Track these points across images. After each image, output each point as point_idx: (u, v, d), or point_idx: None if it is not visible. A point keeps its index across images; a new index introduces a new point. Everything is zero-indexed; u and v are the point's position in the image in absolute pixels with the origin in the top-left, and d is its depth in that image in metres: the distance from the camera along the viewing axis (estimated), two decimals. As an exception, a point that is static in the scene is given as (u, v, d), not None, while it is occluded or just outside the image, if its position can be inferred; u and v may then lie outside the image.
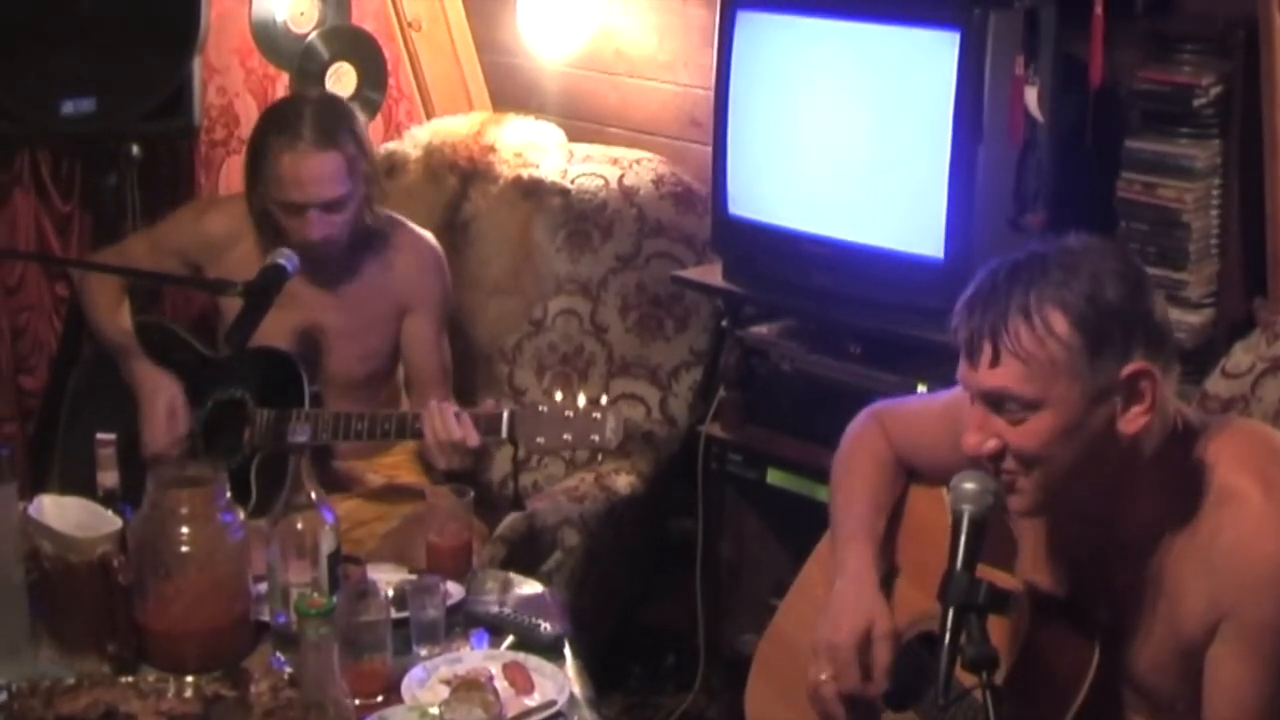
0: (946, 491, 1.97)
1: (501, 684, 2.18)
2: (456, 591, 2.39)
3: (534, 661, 2.25)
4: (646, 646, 3.68)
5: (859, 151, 3.00)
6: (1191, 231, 2.79)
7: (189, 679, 2.15)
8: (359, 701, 2.09)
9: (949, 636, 1.86)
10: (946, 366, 1.98)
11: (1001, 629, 1.96)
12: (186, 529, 2.22)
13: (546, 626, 2.33)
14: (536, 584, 2.52)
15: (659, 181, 3.67)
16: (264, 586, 2.31)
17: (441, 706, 2.06)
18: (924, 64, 2.85)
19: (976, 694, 1.86)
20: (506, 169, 3.79)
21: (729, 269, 3.31)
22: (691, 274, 3.46)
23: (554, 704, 2.14)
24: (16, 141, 3.55)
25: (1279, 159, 2.72)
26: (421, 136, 3.93)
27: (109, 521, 2.30)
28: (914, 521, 2.30)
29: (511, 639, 2.34)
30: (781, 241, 3.14)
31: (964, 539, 1.91)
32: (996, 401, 1.89)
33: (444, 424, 2.76)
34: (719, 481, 3.41)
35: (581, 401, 2.69)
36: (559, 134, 3.91)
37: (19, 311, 3.71)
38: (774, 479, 3.30)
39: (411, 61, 4.15)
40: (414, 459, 3.23)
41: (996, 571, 2.03)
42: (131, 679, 2.16)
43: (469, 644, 2.33)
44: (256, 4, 3.78)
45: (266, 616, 2.30)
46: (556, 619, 2.36)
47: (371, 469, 3.23)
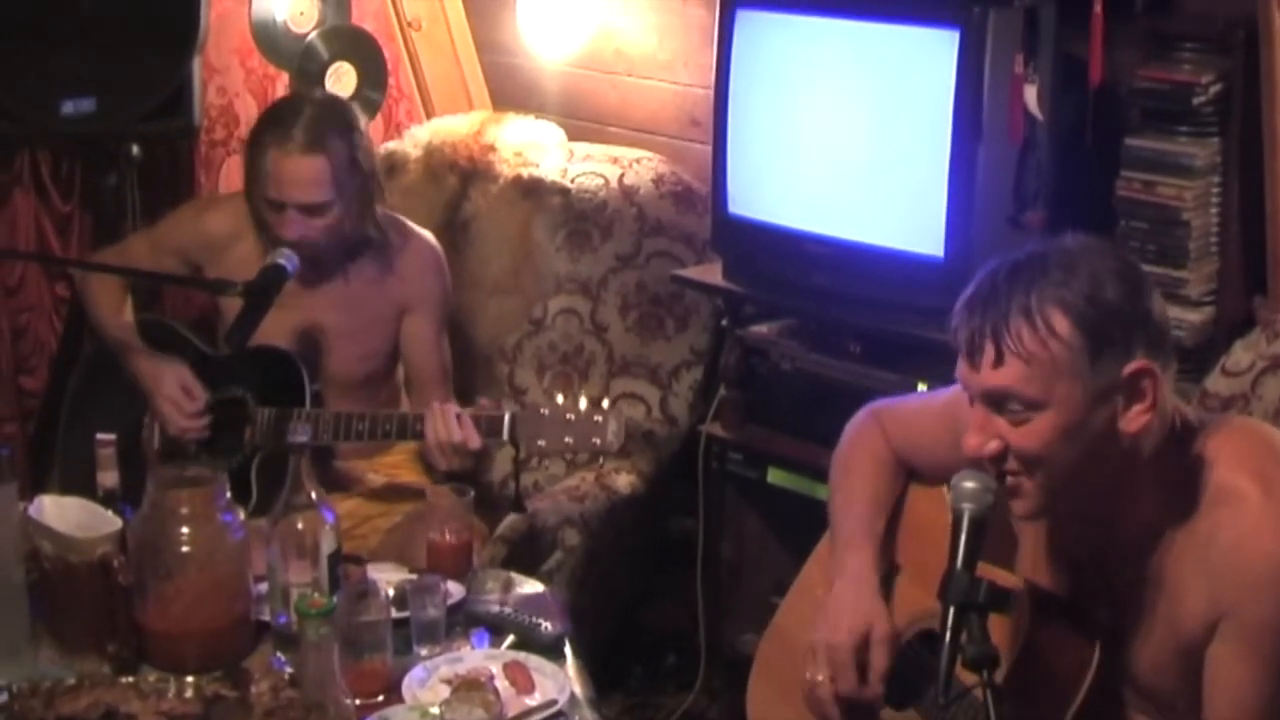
0: (947, 490, 1.96)
1: (502, 684, 2.18)
2: (457, 591, 2.39)
3: (535, 661, 2.25)
4: (647, 646, 3.68)
5: (859, 150, 3.00)
6: (1191, 230, 2.79)
7: (189, 679, 2.14)
8: (359, 701, 2.09)
9: (949, 635, 1.86)
10: (946, 365, 1.97)
11: (1002, 628, 1.96)
12: (187, 529, 2.22)
13: (547, 626, 2.33)
14: (537, 583, 2.52)
15: (659, 181, 3.67)
16: (264, 586, 2.31)
17: (442, 706, 2.06)
18: (924, 63, 2.85)
19: (977, 693, 1.86)
20: (506, 168, 3.79)
21: (729, 268, 3.31)
22: (691, 273, 3.46)
23: (554, 703, 2.14)
24: (16, 141, 3.55)
25: (1278, 157, 2.72)
26: (421, 136, 3.93)
27: (109, 522, 2.30)
28: (914, 520, 2.30)
29: (512, 639, 2.34)
30: (781, 241, 3.14)
31: (964, 538, 1.91)
32: (998, 402, 1.89)
33: (445, 426, 2.76)
34: (719, 481, 3.41)
35: (583, 404, 2.69)
36: (559, 133, 3.90)
37: (19, 312, 3.71)
38: (774, 478, 3.30)
39: (411, 61, 4.15)
40: (415, 459, 3.23)
41: (997, 570, 2.03)
42: (132, 679, 2.16)
43: (469, 644, 2.33)
44: (256, 4, 3.78)
45: (267, 616, 2.30)
46: (557, 618, 2.36)
47: (372, 469, 3.23)
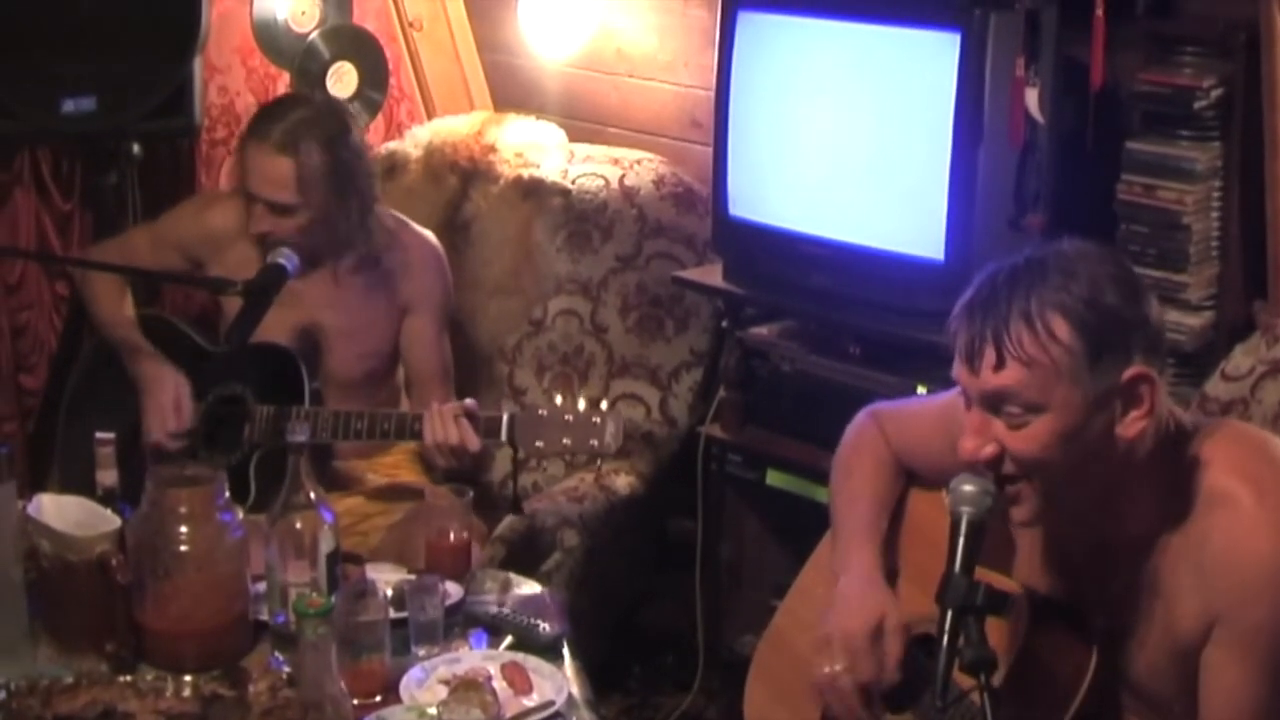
0: (946, 494, 1.96)
1: (500, 684, 2.17)
2: (455, 592, 2.39)
3: (533, 662, 2.24)
4: (645, 647, 3.68)
5: (859, 152, 3.00)
6: (1192, 234, 2.79)
7: (187, 678, 2.15)
8: (357, 701, 2.09)
9: (947, 638, 1.86)
10: (946, 368, 1.97)
11: (1000, 631, 1.96)
12: (185, 528, 2.22)
13: (545, 627, 2.33)
14: (535, 584, 2.52)
15: (659, 182, 3.67)
16: (263, 586, 2.31)
17: (440, 707, 2.06)
18: (925, 65, 2.85)
19: (975, 696, 1.86)
20: (507, 169, 3.79)
21: (729, 270, 3.31)
22: (692, 274, 3.46)
23: (552, 704, 2.14)
24: (17, 140, 3.55)
25: (1279, 161, 2.71)
26: (422, 136, 3.93)
27: (108, 520, 2.30)
28: (914, 523, 2.30)
29: (510, 639, 2.34)
30: (782, 242, 3.14)
31: (962, 541, 1.91)
32: (996, 404, 1.89)
33: (444, 427, 2.76)
34: (719, 482, 3.41)
35: (581, 405, 2.69)
36: (560, 134, 3.91)
37: (19, 310, 3.71)
38: (774, 480, 3.30)
39: (412, 61, 4.15)
40: (414, 459, 3.23)
41: (995, 574, 2.03)
42: (130, 678, 2.16)
43: (468, 644, 2.33)
44: (258, 3, 3.78)
45: (265, 616, 2.30)
46: (555, 619, 2.35)
47: (371, 469, 3.23)
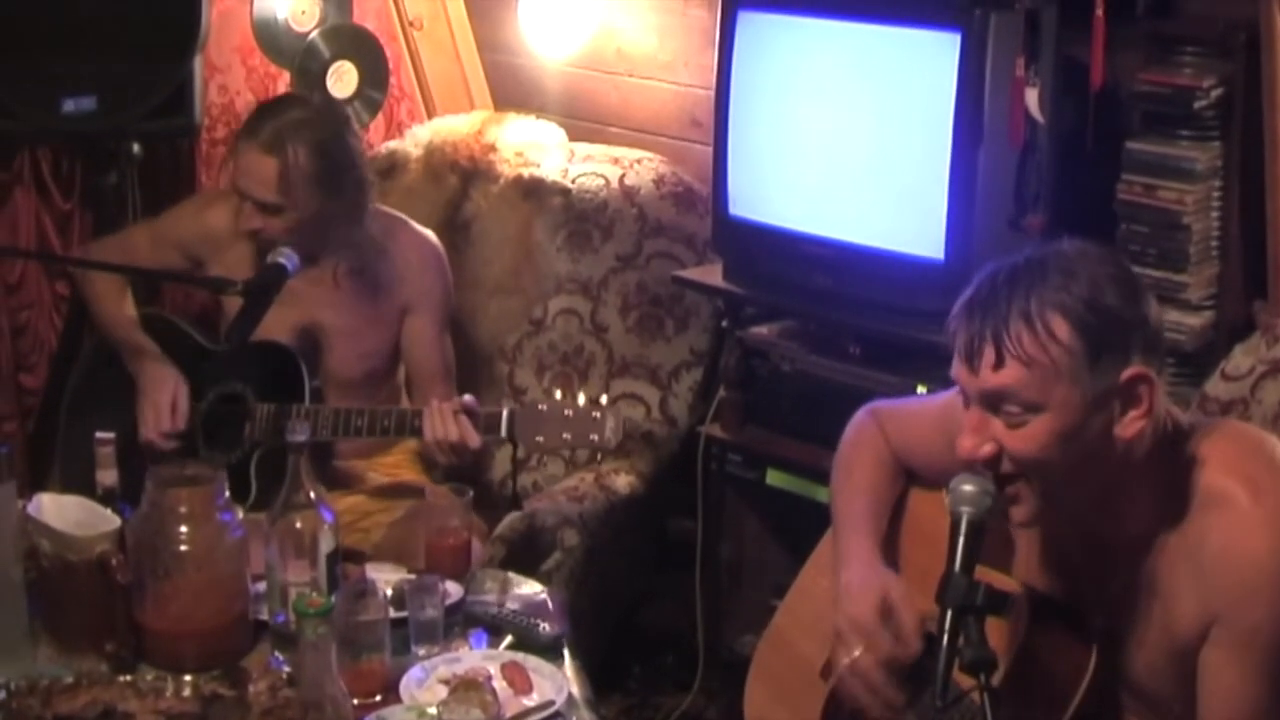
0: (946, 494, 1.96)
1: (500, 684, 2.17)
2: (455, 591, 2.39)
3: (532, 661, 2.24)
4: (645, 647, 3.68)
5: (859, 152, 3.00)
6: (1192, 234, 2.79)
7: (187, 678, 2.15)
8: (357, 701, 2.09)
9: (947, 638, 1.86)
10: (947, 368, 1.97)
11: (999, 630, 1.96)
12: (185, 528, 2.22)
13: (545, 626, 2.33)
14: (535, 584, 2.52)
15: (660, 181, 3.67)
16: (262, 585, 2.31)
17: (440, 706, 2.06)
18: (925, 65, 2.85)
19: (975, 696, 1.86)
20: (507, 168, 3.79)
21: (729, 269, 3.31)
22: (692, 274, 3.46)
23: (552, 704, 2.14)
24: (17, 139, 3.55)
25: (1279, 161, 2.71)
26: (422, 135, 3.93)
27: (108, 520, 2.30)
28: (915, 524, 2.30)
29: (510, 639, 2.34)
30: (782, 242, 3.14)
31: (962, 541, 1.91)
32: (995, 404, 1.89)
33: (444, 423, 2.76)
34: (719, 482, 3.41)
35: (581, 401, 2.70)
36: (560, 133, 3.90)
37: (19, 309, 3.71)
38: (774, 480, 3.30)
39: (413, 60, 4.15)
40: (415, 458, 3.23)
41: (995, 573, 2.03)
42: (130, 678, 2.16)
43: (467, 644, 2.33)
44: (258, 3, 3.77)
45: (265, 616, 2.30)
46: (555, 619, 2.36)
47: (372, 468, 3.23)
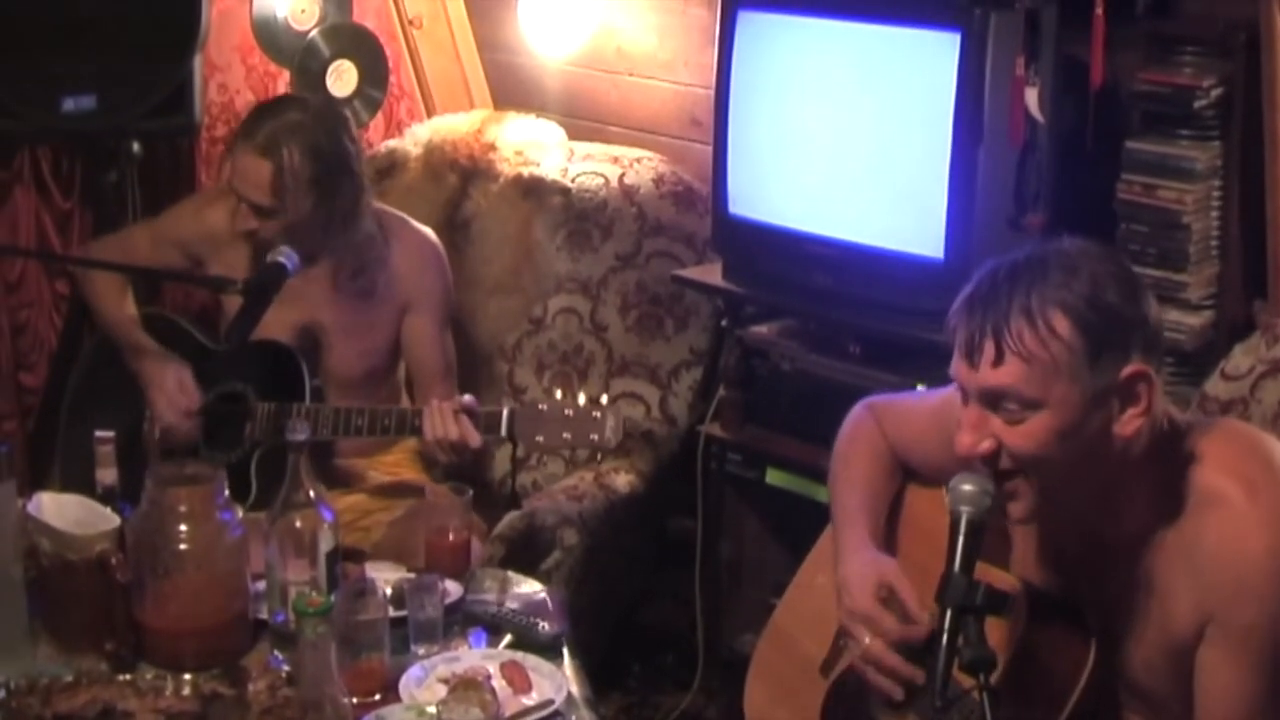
0: (945, 492, 1.96)
1: (499, 683, 2.17)
2: (455, 590, 2.39)
3: (532, 661, 2.25)
4: (645, 646, 3.68)
5: (859, 151, 3.00)
6: (1191, 233, 2.79)
7: (187, 677, 2.15)
8: (356, 700, 2.09)
9: (946, 638, 1.86)
10: (946, 367, 1.96)
11: (998, 628, 1.96)
12: (185, 527, 2.22)
13: (545, 626, 2.33)
14: (535, 583, 2.52)
15: (659, 180, 3.67)
16: (262, 584, 2.31)
17: (439, 706, 2.06)
18: (925, 64, 2.85)
19: (974, 695, 1.86)
20: (507, 167, 3.79)
21: (729, 268, 3.31)
22: (691, 273, 3.46)
23: (551, 703, 2.14)
24: (17, 138, 3.55)
25: (1279, 161, 2.71)
26: (422, 134, 3.93)
27: (107, 519, 2.30)
28: (913, 522, 2.30)
29: (510, 638, 2.34)
30: (782, 241, 3.14)
31: (961, 541, 1.91)
32: (995, 401, 1.89)
33: (444, 423, 2.76)
34: (718, 481, 3.41)
35: (581, 400, 2.69)
36: (560, 132, 3.90)
37: (19, 308, 3.71)
38: (773, 479, 3.30)
39: (412, 59, 4.15)
40: (415, 457, 3.23)
41: (994, 570, 2.03)
42: (129, 677, 2.16)
43: (467, 643, 2.33)
44: (257, 1, 3.77)
45: (264, 615, 2.30)
46: (555, 618, 2.36)
47: (372, 467, 3.23)
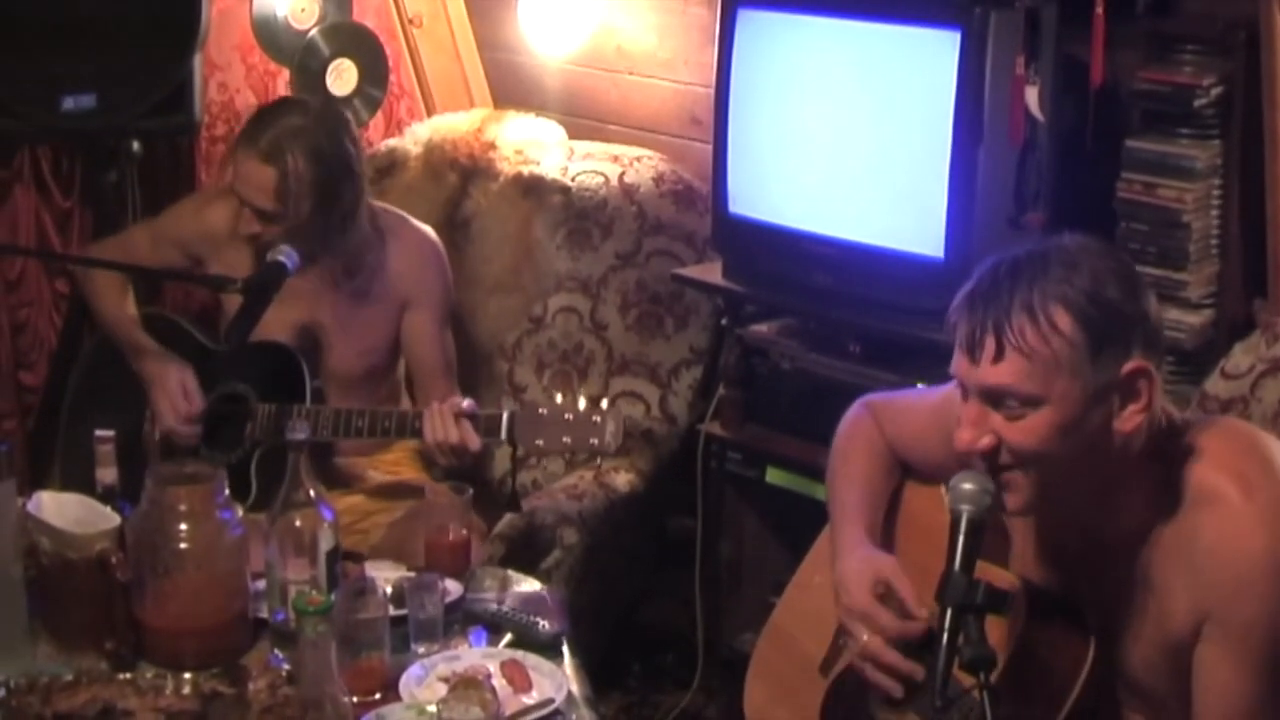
0: (944, 490, 1.96)
1: (499, 682, 2.17)
2: (455, 589, 2.39)
3: (532, 659, 2.25)
4: (645, 645, 3.68)
5: (859, 150, 3.00)
6: (1192, 232, 2.79)
7: (187, 676, 2.15)
8: (356, 699, 2.09)
9: (947, 637, 1.86)
10: (946, 366, 1.96)
11: (997, 626, 1.96)
12: (185, 526, 2.22)
13: (545, 624, 2.33)
14: (535, 582, 2.53)
15: (659, 179, 3.67)
16: (262, 583, 2.31)
17: (439, 704, 2.06)
18: (925, 63, 2.85)
19: (974, 693, 1.86)
20: (507, 166, 3.78)
21: (729, 267, 3.31)
22: (692, 272, 3.46)
23: (552, 702, 2.14)
24: (17, 137, 3.55)
25: (1279, 160, 2.71)
26: (422, 133, 3.93)
27: (107, 518, 2.30)
28: (911, 518, 2.30)
29: (510, 637, 2.34)
30: (782, 240, 3.14)
31: (962, 539, 1.91)
32: (995, 398, 1.88)
33: (444, 426, 2.76)
34: (718, 480, 3.40)
35: (581, 404, 2.69)
36: (560, 131, 3.90)
37: (19, 307, 3.71)
38: (773, 478, 3.30)
39: (412, 58, 4.15)
40: (415, 456, 3.23)
41: (993, 568, 2.03)
42: (129, 676, 2.16)
43: (467, 642, 2.33)
44: (257, 0, 3.77)
45: (265, 614, 2.30)
46: (555, 617, 2.36)
47: (372, 465, 3.23)
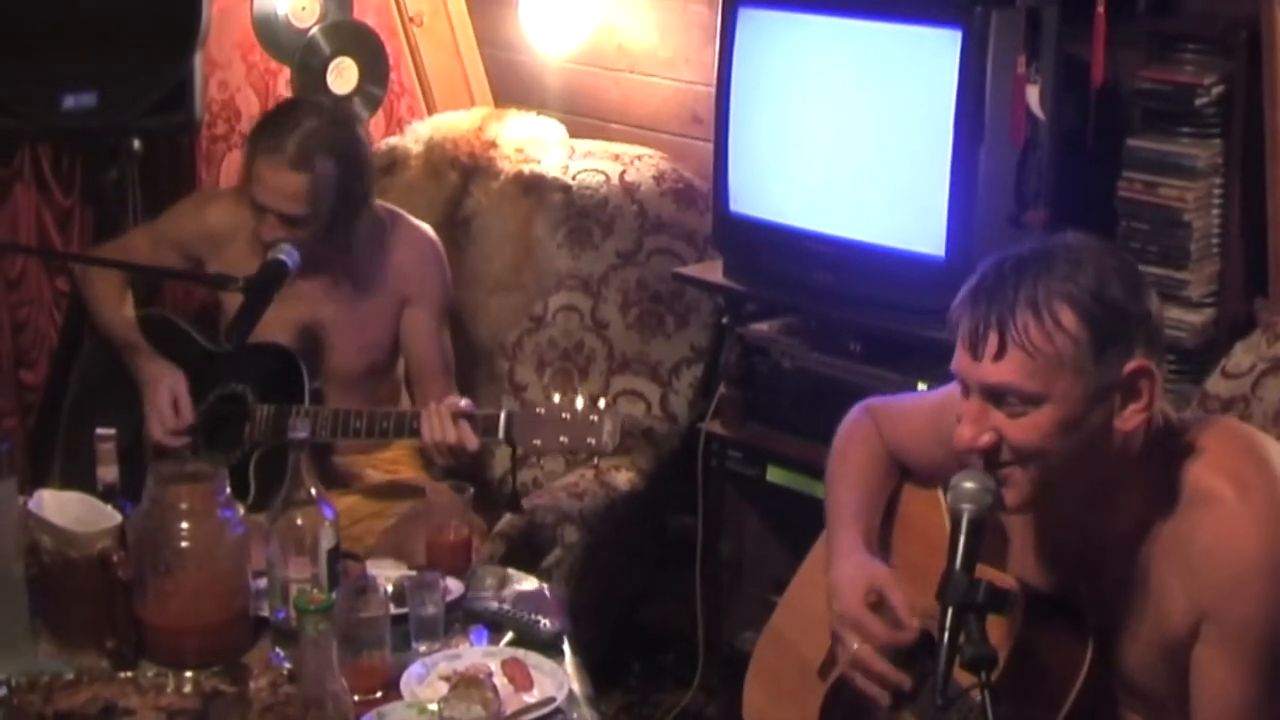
0: (941, 493, 1.96)
1: (500, 681, 2.17)
2: (456, 588, 2.39)
3: (533, 658, 2.25)
4: (646, 644, 3.68)
5: (860, 149, 3.00)
6: (1193, 231, 2.79)
7: (188, 674, 2.15)
8: (358, 698, 2.09)
9: (948, 636, 1.86)
10: (947, 365, 1.96)
11: (995, 627, 1.96)
12: (186, 524, 2.22)
13: (546, 623, 2.33)
14: (536, 580, 2.53)
15: (660, 178, 3.67)
16: (263, 582, 2.31)
17: (440, 703, 2.06)
18: (926, 62, 2.85)
19: (973, 693, 1.86)
20: (508, 165, 3.78)
21: (730, 266, 3.31)
22: (692, 271, 3.46)
23: (553, 701, 2.14)
24: (18, 136, 3.54)
25: (1280, 159, 2.72)
26: (423, 132, 3.93)
27: (109, 516, 2.30)
28: (908, 522, 2.30)
29: (511, 635, 2.34)
30: (783, 239, 3.14)
31: (963, 539, 1.91)
32: (997, 395, 1.88)
33: (442, 426, 2.76)
34: (719, 479, 3.41)
35: (579, 403, 2.69)
36: (560, 130, 3.90)
37: (20, 306, 3.71)
38: (774, 476, 3.30)
39: (413, 56, 4.15)
40: (414, 455, 3.23)
41: (991, 570, 2.03)
42: (131, 674, 2.16)
43: (468, 640, 2.33)
44: (258, -2, 3.78)
45: (266, 612, 2.30)
46: (556, 616, 2.36)
47: (371, 464, 3.23)
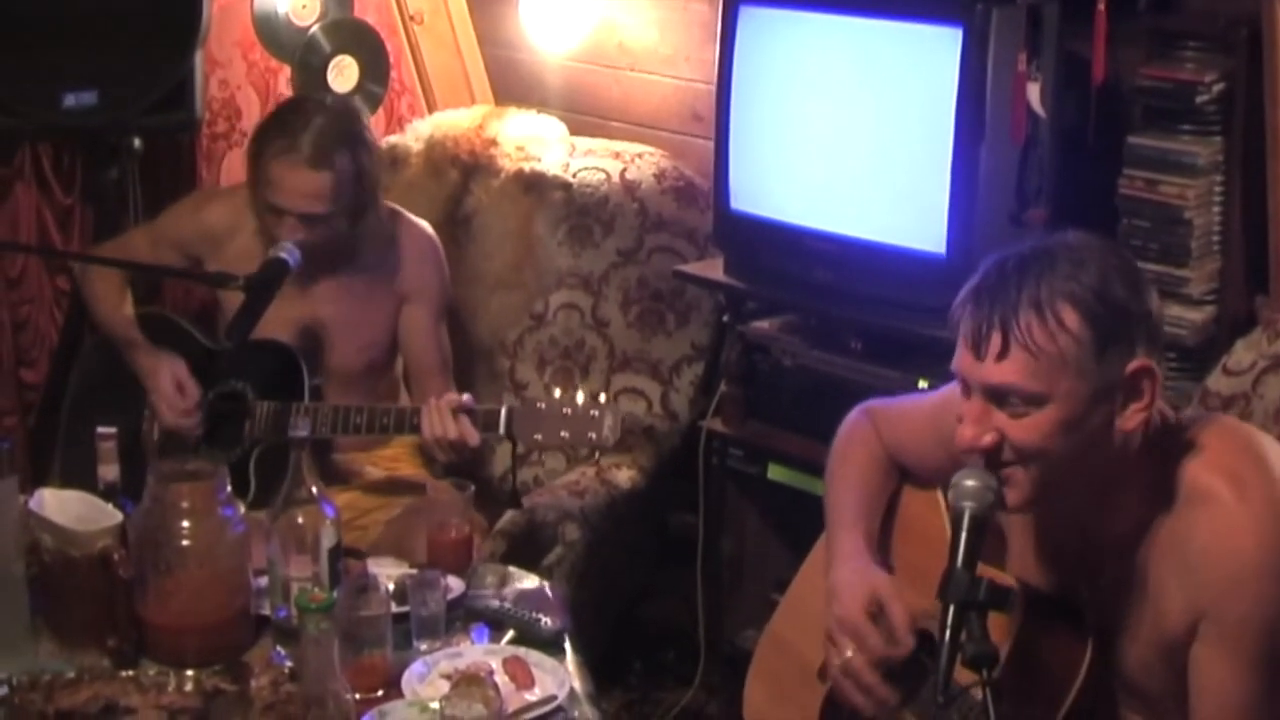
0: (941, 494, 1.96)
1: (502, 679, 2.17)
2: (457, 586, 2.39)
3: (534, 656, 2.25)
4: (647, 642, 3.68)
5: (861, 147, 3.00)
6: (1193, 228, 2.79)
7: (189, 673, 2.15)
8: (359, 696, 2.09)
9: (949, 634, 1.86)
10: (948, 363, 1.96)
11: (995, 626, 1.96)
12: (187, 523, 2.23)
13: (547, 621, 2.34)
14: (537, 579, 2.53)
15: (661, 176, 3.67)
16: (264, 580, 2.31)
17: (441, 701, 2.06)
18: (926, 60, 2.85)
19: (973, 692, 1.86)
20: (508, 163, 3.78)
21: (731, 264, 3.31)
22: (693, 269, 3.46)
23: (554, 699, 2.14)
24: (18, 134, 3.55)
25: (1281, 156, 2.72)
26: (423, 130, 3.93)
27: (109, 515, 2.30)
28: (908, 523, 2.30)
29: (512, 634, 2.34)
30: (783, 236, 3.14)
31: (964, 537, 1.90)
32: (999, 395, 1.88)
33: (442, 422, 2.76)
34: (720, 477, 3.40)
35: (580, 398, 2.69)
36: (561, 128, 3.90)
37: (20, 304, 3.71)
38: (775, 474, 3.30)
39: (413, 54, 4.15)
40: (414, 451, 3.23)
41: (990, 570, 2.03)
42: (132, 673, 2.16)
43: (469, 639, 2.33)
44: (259, -3, 3.78)
45: (267, 611, 2.30)
46: (557, 614, 2.36)
47: (371, 461, 3.23)
